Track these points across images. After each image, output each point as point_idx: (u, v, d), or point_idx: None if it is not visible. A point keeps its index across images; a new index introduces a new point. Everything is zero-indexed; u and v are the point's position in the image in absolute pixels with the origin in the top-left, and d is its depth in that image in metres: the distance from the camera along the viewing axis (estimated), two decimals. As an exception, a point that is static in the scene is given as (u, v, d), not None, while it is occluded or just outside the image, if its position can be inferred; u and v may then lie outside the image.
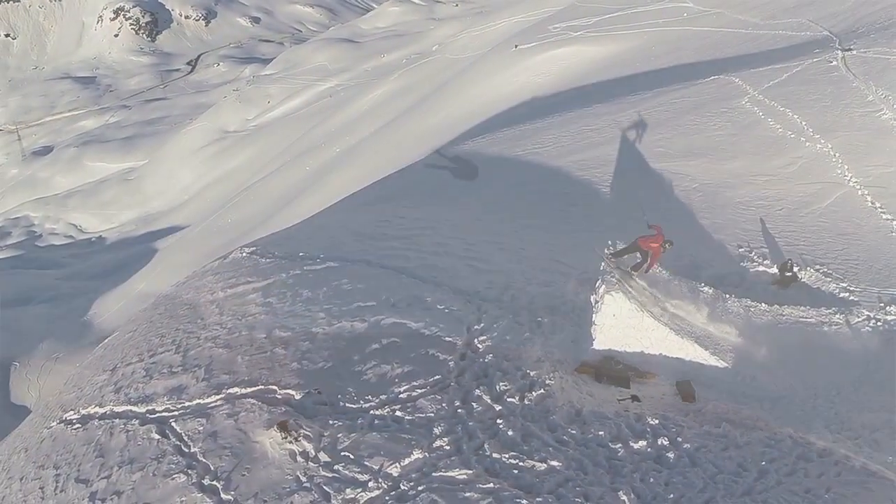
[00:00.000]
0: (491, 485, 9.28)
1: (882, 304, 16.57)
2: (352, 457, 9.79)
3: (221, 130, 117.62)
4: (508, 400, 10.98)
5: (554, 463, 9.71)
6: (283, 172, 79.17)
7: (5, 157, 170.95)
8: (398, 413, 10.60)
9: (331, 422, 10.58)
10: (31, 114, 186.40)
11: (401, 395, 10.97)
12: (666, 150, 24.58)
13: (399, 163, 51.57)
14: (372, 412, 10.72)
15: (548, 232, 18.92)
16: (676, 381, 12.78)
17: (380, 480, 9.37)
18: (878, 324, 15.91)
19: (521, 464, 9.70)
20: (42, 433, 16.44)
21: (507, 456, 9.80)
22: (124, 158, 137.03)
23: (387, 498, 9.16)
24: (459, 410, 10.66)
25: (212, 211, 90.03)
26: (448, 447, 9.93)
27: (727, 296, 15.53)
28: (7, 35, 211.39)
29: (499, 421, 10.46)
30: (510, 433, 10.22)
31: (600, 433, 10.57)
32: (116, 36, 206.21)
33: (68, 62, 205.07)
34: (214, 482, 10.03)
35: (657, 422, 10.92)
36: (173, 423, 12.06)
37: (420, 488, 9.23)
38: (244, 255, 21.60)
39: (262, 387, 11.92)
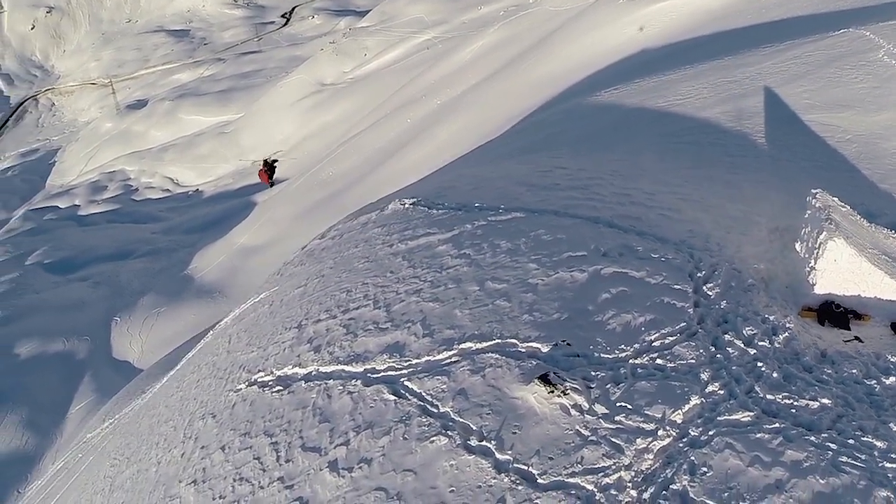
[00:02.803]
0: (776, 424, 9.06)
1: None
2: (630, 407, 9.47)
3: (318, 83, 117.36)
4: (759, 344, 10.66)
5: (824, 401, 9.47)
6: (383, 125, 78.82)
7: (100, 110, 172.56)
8: (658, 361, 10.28)
9: (592, 373, 10.22)
10: (124, 67, 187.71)
11: (654, 344, 10.64)
12: (811, 102, 23.93)
13: (510, 114, 51.34)
14: (630, 361, 10.38)
15: (716, 181, 18.53)
16: (891, 321, 12.62)
17: (667, 428, 9.09)
18: None
19: (794, 403, 9.44)
20: (230, 397, 16.07)
21: (779, 397, 9.55)
22: (220, 112, 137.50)
23: (679, 444, 8.87)
24: (718, 356, 10.36)
25: (311, 164, 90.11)
26: (721, 391, 9.65)
27: (914, 242, 15.20)
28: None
29: (759, 364, 10.19)
30: (774, 375, 9.97)
31: (853, 371, 10.34)
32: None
33: (161, 15, 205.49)
34: (484, 443, 9.58)
35: (896, 358, 10.69)
36: (407, 383, 11.57)
37: (710, 433, 8.98)
38: (406, 206, 21.28)
39: (499, 340, 11.46)
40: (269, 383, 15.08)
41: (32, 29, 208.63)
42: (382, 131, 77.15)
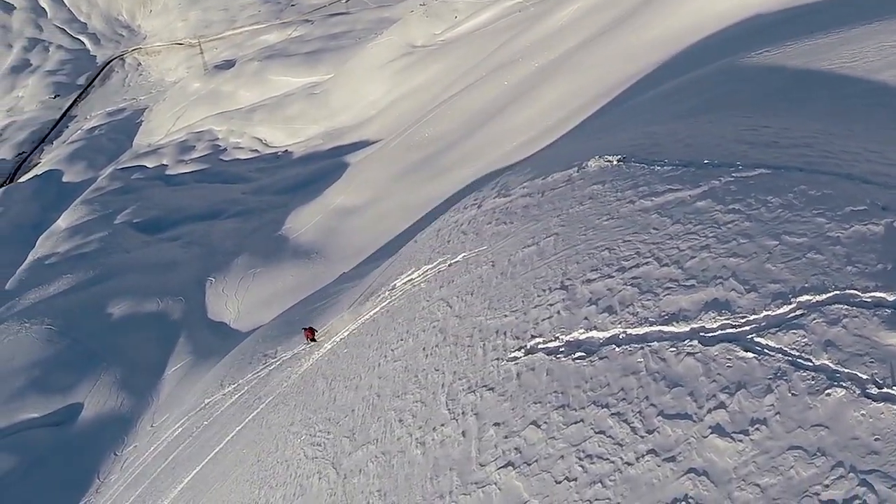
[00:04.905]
0: None
1: None
2: None
3: (409, 45, 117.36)
4: None
5: None
6: (478, 88, 78.63)
7: (187, 70, 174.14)
8: None
9: (951, 317, 10.19)
10: (211, 28, 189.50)
11: None
12: None
13: (623, 76, 51.29)
14: (984, 303, 10.36)
15: (923, 143, 18.62)
16: None
17: None
18: None
19: None
20: (506, 367, 15.56)
21: None
22: (308, 73, 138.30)
23: None
24: None
25: (401, 126, 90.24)
26: None
27: None
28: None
29: None
30: None
31: None
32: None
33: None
34: (885, 390, 9.40)
35: None
36: (757, 339, 11.23)
37: None
38: (613, 163, 21.05)
39: (838, 292, 11.28)
40: (560, 350, 14.57)
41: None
42: (478, 94, 76.83)
